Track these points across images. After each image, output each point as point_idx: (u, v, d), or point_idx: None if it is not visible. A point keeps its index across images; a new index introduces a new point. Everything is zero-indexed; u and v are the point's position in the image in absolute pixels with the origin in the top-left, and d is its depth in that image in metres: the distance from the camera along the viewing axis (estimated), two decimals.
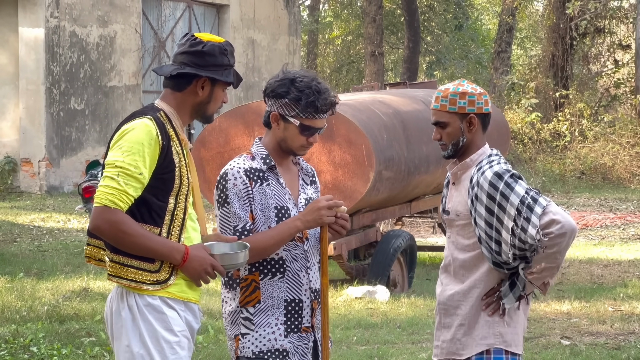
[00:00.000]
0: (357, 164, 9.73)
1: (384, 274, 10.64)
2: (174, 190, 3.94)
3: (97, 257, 4.04)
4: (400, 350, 7.97)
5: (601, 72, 27.49)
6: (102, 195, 3.82)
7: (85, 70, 19.44)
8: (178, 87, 4.03)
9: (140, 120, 3.91)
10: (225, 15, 22.91)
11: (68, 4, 18.99)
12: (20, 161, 18.84)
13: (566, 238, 4.13)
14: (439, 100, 4.31)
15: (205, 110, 4.08)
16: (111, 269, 3.92)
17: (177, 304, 3.97)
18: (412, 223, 16.45)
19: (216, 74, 4.00)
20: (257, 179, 4.17)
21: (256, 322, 4.18)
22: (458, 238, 4.36)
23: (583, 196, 20.94)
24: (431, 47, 34.39)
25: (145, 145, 3.86)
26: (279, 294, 4.18)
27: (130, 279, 3.89)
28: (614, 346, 8.14)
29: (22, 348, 7.54)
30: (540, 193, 4.19)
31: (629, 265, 12.75)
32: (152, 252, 3.88)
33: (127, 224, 3.82)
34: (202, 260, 3.93)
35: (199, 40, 4.01)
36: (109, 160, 3.88)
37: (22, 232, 14.39)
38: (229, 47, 4.06)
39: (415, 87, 14.90)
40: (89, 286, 10.08)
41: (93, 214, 3.84)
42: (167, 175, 3.92)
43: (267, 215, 4.16)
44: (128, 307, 3.93)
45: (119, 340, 3.96)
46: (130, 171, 3.82)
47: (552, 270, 4.23)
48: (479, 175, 4.22)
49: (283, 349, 4.16)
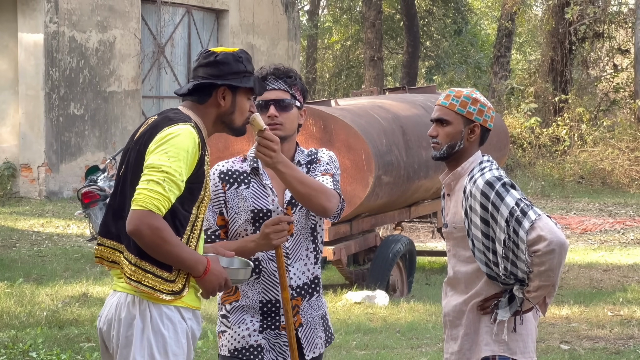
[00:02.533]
0: (356, 169, 9.73)
1: (383, 278, 10.64)
2: (198, 201, 3.89)
3: (110, 259, 3.93)
4: (400, 355, 7.97)
5: (600, 76, 27.50)
6: (147, 199, 3.72)
7: (85, 76, 19.44)
8: (200, 100, 3.97)
9: (185, 126, 3.82)
10: (224, 20, 22.92)
11: (67, 10, 19.00)
12: (19, 166, 18.84)
13: (555, 255, 4.05)
14: (450, 99, 4.25)
15: (231, 122, 4.00)
16: (133, 272, 3.81)
17: (187, 313, 3.91)
18: (412, 228, 16.45)
19: (234, 81, 3.95)
20: (232, 181, 4.20)
21: (232, 319, 4.21)
22: (459, 250, 4.31)
23: (582, 201, 20.94)
24: (430, 51, 34.40)
25: (189, 153, 3.78)
26: (254, 294, 4.18)
27: (149, 286, 3.81)
28: (613, 351, 8.14)
29: (21, 353, 7.54)
30: (531, 205, 4.11)
31: (628, 270, 12.75)
32: (182, 261, 3.81)
33: (167, 232, 3.75)
34: (220, 274, 3.88)
35: (212, 52, 4.00)
36: (154, 163, 3.76)
37: (21, 237, 14.38)
38: (243, 54, 4.02)
39: (414, 91, 14.88)
40: (88, 291, 10.08)
41: (134, 216, 3.73)
42: (195, 185, 3.86)
43: (243, 217, 4.17)
44: (140, 317, 3.84)
45: (127, 348, 3.86)
46: (175, 177, 3.75)
47: (548, 289, 4.15)
48: (471, 185, 4.17)
49: (258, 344, 4.16)
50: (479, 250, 4.17)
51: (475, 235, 4.17)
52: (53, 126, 18.73)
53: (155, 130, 3.87)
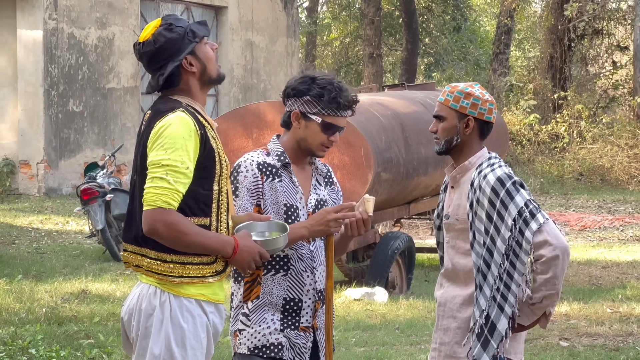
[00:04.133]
0: (355, 166, 9.73)
1: (382, 275, 10.64)
2: (216, 177, 3.88)
3: (134, 263, 3.93)
4: (399, 352, 7.98)
5: (599, 73, 27.49)
6: (154, 196, 3.73)
7: (84, 72, 19.43)
8: (175, 83, 3.96)
9: (174, 114, 3.82)
10: (223, 17, 22.90)
11: (66, 6, 18.99)
12: (18, 163, 18.83)
13: (560, 261, 4.08)
14: (445, 94, 4.29)
15: (209, 77, 3.99)
16: (172, 270, 3.82)
17: (209, 307, 3.91)
18: (411, 225, 16.46)
19: (187, 50, 3.91)
20: (269, 173, 4.18)
21: (252, 318, 4.19)
22: (458, 242, 4.30)
23: (581, 198, 20.95)
24: (429, 48, 34.40)
25: (186, 139, 3.78)
26: (278, 291, 4.18)
27: (192, 276, 3.83)
28: (612, 347, 8.14)
29: (20, 350, 7.53)
30: (539, 208, 4.13)
31: (628, 267, 12.75)
32: (207, 248, 3.82)
33: (183, 224, 3.75)
34: (251, 249, 3.88)
35: (146, 42, 3.92)
36: (153, 160, 3.77)
37: (20, 234, 14.39)
38: (168, 19, 3.96)
39: (413, 88, 14.90)
40: (87, 288, 10.08)
41: (147, 217, 3.74)
42: (209, 162, 3.85)
43: (276, 211, 4.17)
44: (160, 308, 3.85)
45: (146, 339, 3.87)
46: (178, 167, 3.75)
47: (553, 298, 4.19)
48: (481, 178, 4.18)
49: (278, 342, 4.16)
50: (478, 243, 4.18)
51: (477, 229, 4.18)
52: (52, 123, 18.72)
53: (149, 128, 3.87)
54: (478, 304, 4.16)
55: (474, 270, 4.20)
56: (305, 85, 4.17)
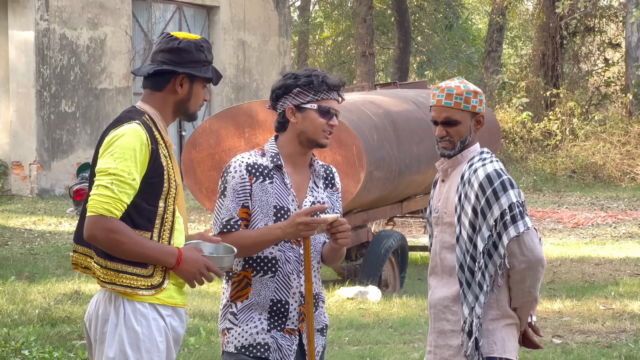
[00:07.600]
0: (347, 165, 9.73)
1: (375, 274, 10.64)
2: (163, 194, 3.92)
3: (83, 265, 4.00)
4: (392, 351, 7.98)
5: (591, 70, 27.52)
6: (96, 204, 3.79)
7: (76, 73, 19.41)
8: (157, 86, 4.01)
9: (130, 125, 3.87)
10: (215, 16, 22.89)
11: (58, 7, 18.97)
12: (11, 164, 18.80)
13: (532, 272, 4.11)
14: (453, 98, 4.22)
15: (187, 108, 4.05)
16: (105, 275, 3.87)
17: (165, 310, 3.94)
18: (404, 223, 16.46)
19: (194, 70, 3.98)
20: (259, 174, 4.18)
21: (240, 317, 4.21)
22: (444, 236, 4.29)
23: (574, 195, 20.97)
24: (422, 47, 34.42)
25: (137, 151, 3.83)
26: (266, 292, 4.19)
27: (125, 285, 3.85)
28: (605, 344, 8.15)
29: (13, 351, 7.53)
30: (525, 213, 4.12)
31: (620, 264, 12.77)
32: (147, 257, 3.85)
33: (123, 232, 3.80)
34: (196, 261, 3.91)
35: (174, 37, 4.00)
36: (101, 167, 3.83)
37: (13, 235, 14.36)
38: (205, 43, 4.05)
39: (405, 87, 14.91)
40: (80, 289, 10.06)
41: (88, 223, 3.80)
42: (156, 179, 3.90)
43: (265, 212, 4.17)
44: (114, 313, 3.89)
45: (103, 344, 3.91)
46: (124, 177, 3.80)
47: (531, 304, 4.22)
48: (471, 172, 4.17)
49: (265, 342, 4.17)
50: (462, 238, 4.17)
51: (463, 223, 4.18)
52: (44, 124, 18.70)
53: (104, 135, 3.93)
54: (467, 301, 4.16)
55: (456, 267, 4.20)
56: (291, 79, 4.21)
